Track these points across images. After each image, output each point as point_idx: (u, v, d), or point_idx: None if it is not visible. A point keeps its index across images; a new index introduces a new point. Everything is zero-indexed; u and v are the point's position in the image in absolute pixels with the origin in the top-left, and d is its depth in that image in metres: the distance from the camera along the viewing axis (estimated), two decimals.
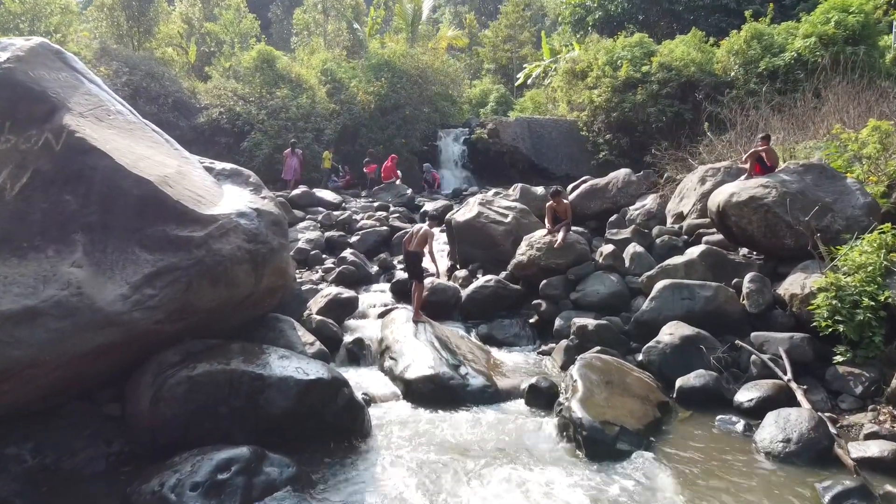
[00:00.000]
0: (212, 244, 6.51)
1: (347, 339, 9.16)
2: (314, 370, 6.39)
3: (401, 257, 12.83)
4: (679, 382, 7.68)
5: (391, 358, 8.47)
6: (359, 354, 8.90)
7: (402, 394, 7.82)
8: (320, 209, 15.46)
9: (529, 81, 35.02)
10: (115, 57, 19.72)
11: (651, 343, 8.26)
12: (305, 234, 13.01)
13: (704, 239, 10.99)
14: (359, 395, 6.87)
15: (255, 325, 7.81)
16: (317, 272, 11.72)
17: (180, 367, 6.11)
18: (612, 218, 12.64)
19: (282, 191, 17.99)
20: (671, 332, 8.28)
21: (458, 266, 12.06)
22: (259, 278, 6.96)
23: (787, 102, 17.24)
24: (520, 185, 13.31)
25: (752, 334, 8.35)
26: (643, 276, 9.66)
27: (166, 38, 23.57)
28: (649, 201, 14.42)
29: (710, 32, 25.51)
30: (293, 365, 6.39)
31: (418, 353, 8.30)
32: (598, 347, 8.52)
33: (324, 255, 12.52)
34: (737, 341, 8.23)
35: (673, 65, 23.11)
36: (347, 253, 11.88)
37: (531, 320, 10.06)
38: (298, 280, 11.08)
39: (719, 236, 10.85)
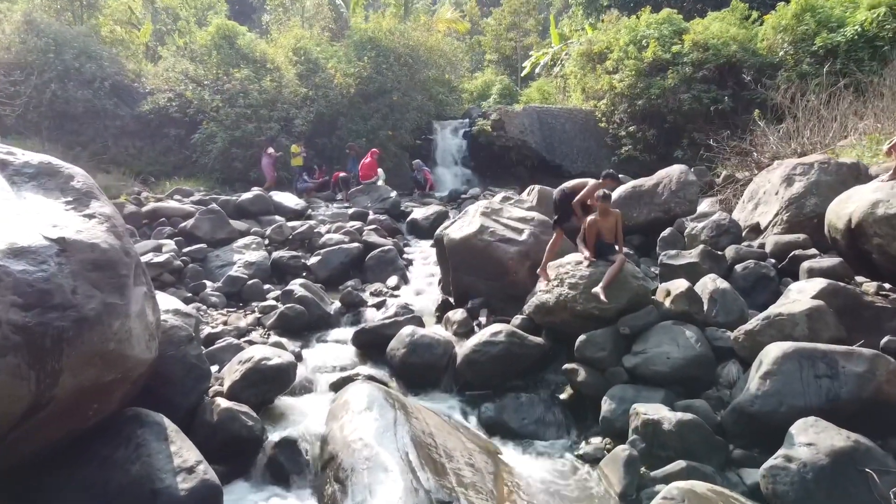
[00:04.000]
0: None
1: (272, 437, 5.71)
2: None
3: (374, 287, 9.41)
4: None
5: (337, 480, 5.03)
6: (287, 467, 5.46)
7: None
8: (278, 218, 12.01)
9: (536, 71, 31.63)
10: (41, 32, 16.29)
11: (776, 461, 4.83)
12: (244, 255, 9.56)
13: (808, 265, 7.54)
14: None
15: (92, 438, 4.41)
16: (251, 312, 8.28)
17: None
18: (665, 232, 9.19)
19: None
20: (810, 442, 4.85)
21: (452, 302, 8.62)
22: (50, 378, 3.53)
23: (861, 84, 13.89)
24: (537, 186, 9.85)
25: None
26: (739, 331, 6.21)
27: (115, 13, 20.14)
28: (706, 206, 11.05)
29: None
30: None
31: (381, 474, 4.88)
32: (683, 463, 5.11)
33: (267, 286, 9.08)
34: None
35: (709, 43, 19.64)
36: (296, 285, 8.40)
37: (562, 396, 6.63)
38: (221, 328, 7.65)
39: (830, 261, 7.43)
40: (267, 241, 10.36)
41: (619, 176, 12.54)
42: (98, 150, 16.11)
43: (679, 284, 6.73)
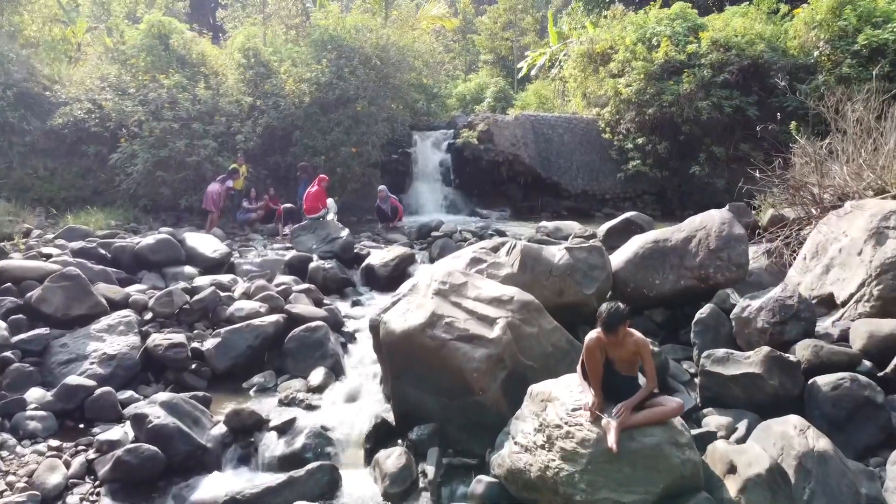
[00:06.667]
0: None
1: None
2: None
3: (288, 391, 6.65)
4: None
5: None
6: None
7: None
8: (187, 270, 9.21)
9: (533, 72, 28.93)
10: None
11: None
12: (104, 342, 6.73)
13: None
14: None
15: None
16: (84, 450, 5.46)
17: None
18: (704, 311, 6.38)
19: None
20: None
21: (394, 424, 5.84)
22: None
23: None
24: (519, 244, 6.98)
25: None
26: None
27: (42, 8, 17.36)
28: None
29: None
30: None
31: None
32: None
33: (128, 394, 6.24)
34: None
35: (731, 42, 16.88)
36: (155, 404, 5.54)
37: None
38: (10, 494, 4.85)
39: None
40: (150, 316, 7.54)
41: (635, 217, 9.86)
42: (0, 172, 13.35)
43: (753, 458, 3.93)
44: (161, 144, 13.01)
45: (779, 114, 16.33)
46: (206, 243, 9.89)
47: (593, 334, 4.12)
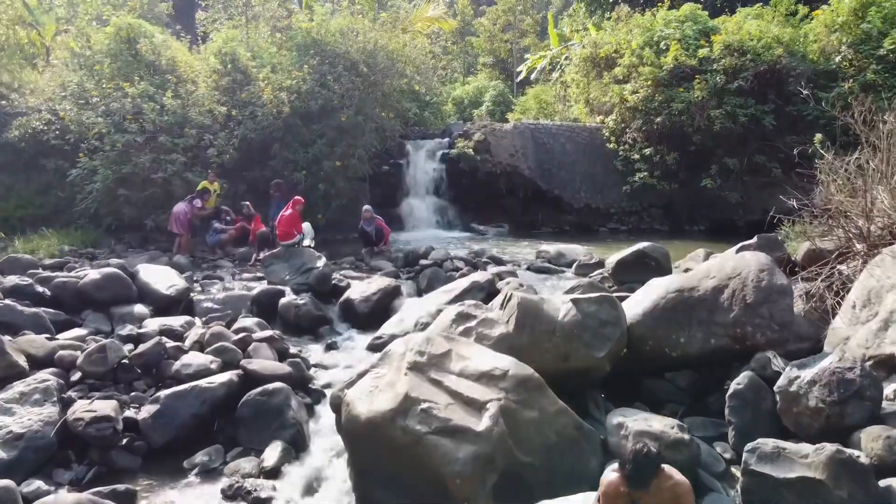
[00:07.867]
0: None
1: None
2: None
3: (235, 476, 5.47)
4: None
5: None
6: None
7: None
8: (137, 311, 8.05)
9: (533, 76, 27.85)
10: None
11: None
12: (14, 414, 5.55)
13: None
14: None
15: None
16: None
17: None
18: (740, 382, 5.22)
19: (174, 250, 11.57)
20: None
21: None
22: None
23: None
24: (516, 295, 5.81)
25: None
26: None
27: (8, 10, 16.18)
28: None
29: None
30: None
31: None
32: None
33: (34, 486, 5.11)
34: None
35: (746, 46, 15.75)
36: None
37: None
38: None
39: None
40: (78, 376, 6.38)
41: (648, 249, 8.68)
42: None
43: None
44: (124, 160, 11.85)
45: (797, 123, 15.27)
46: (162, 278, 8.70)
47: (613, 477, 2.96)
